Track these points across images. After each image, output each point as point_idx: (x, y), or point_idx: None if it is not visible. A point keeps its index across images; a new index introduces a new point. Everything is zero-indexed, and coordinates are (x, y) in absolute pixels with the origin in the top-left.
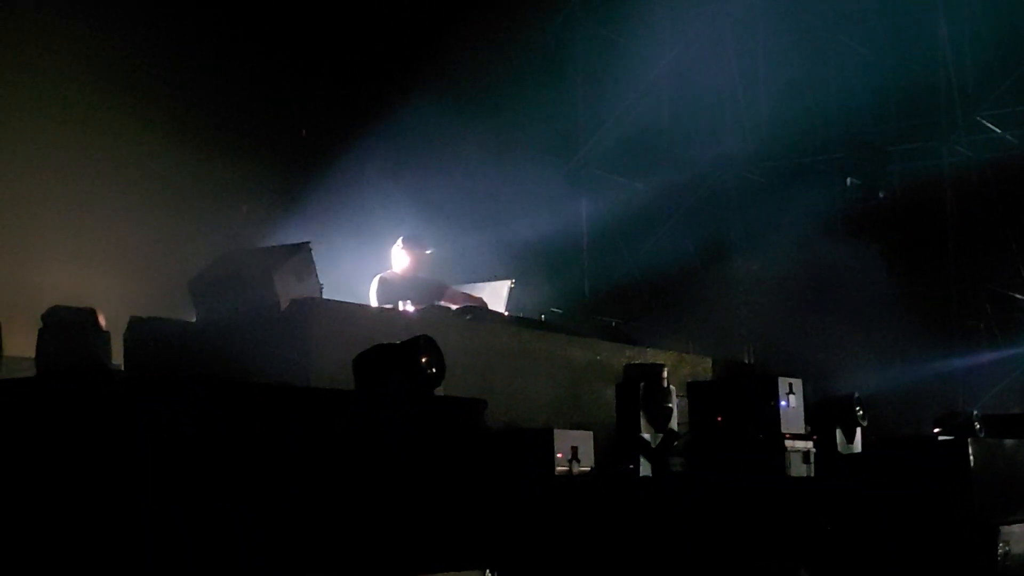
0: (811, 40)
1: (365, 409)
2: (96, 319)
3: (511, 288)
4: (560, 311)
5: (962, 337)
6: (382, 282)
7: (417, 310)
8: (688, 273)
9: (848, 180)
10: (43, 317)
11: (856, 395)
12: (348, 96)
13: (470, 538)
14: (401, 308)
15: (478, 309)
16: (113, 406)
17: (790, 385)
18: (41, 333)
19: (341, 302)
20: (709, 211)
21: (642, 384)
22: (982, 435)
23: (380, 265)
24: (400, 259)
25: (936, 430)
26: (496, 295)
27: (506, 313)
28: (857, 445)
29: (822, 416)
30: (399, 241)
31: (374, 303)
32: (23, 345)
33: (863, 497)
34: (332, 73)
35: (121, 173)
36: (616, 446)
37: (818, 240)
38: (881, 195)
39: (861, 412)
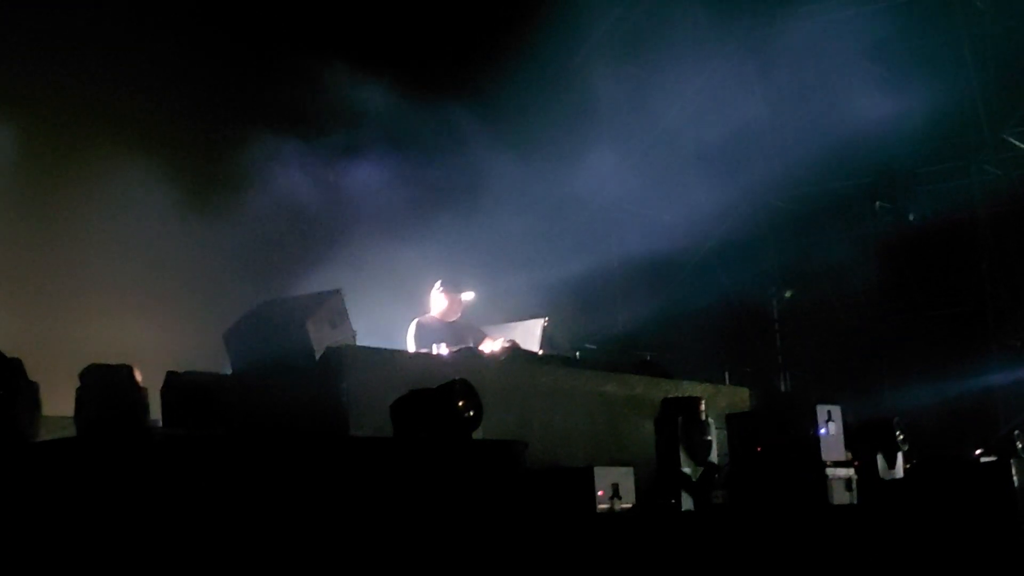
0: (836, 66)
1: (405, 456)
2: (133, 376)
3: (544, 326)
4: (594, 347)
5: (1000, 356)
6: (419, 327)
7: (451, 352)
8: (721, 303)
9: (878, 204)
10: (81, 376)
11: (896, 419)
12: (375, 139)
13: None
14: (435, 351)
15: (513, 349)
16: (152, 464)
17: (829, 412)
18: (79, 392)
19: (375, 348)
20: (740, 240)
21: (680, 418)
22: None
23: (413, 310)
24: (438, 303)
25: (978, 452)
26: (530, 334)
27: (541, 352)
28: (899, 470)
29: (862, 442)
30: (437, 284)
31: (411, 348)
32: (62, 404)
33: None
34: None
35: (154, 229)
36: (657, 481)
37: (850, 265)
38: (911, 217)
39: (901, 436)
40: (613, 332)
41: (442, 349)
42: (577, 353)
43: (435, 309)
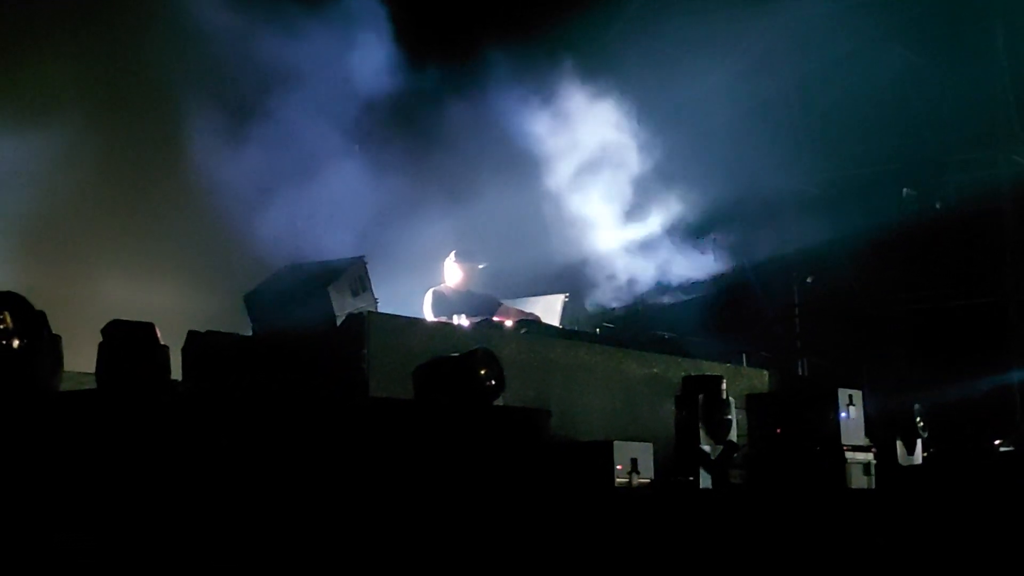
0: (866, 50)
1: (428, 420)
2: (155, 333)
3: (565, 302)
4: (612, 325)
5: (1020, 347)
6: (436, 296)
7: (471, 324)
8: (742, 286)
9: (904, 191)
10: (103, 332)
11: (917, 406)
12: (401, 110)
13: (533, 549)
14: (455, 322)
15: (533, 323)
16: (173, 418)
17: (850, 397)
18: (101, 348)
19: (396, 316)
20: (763, 223)
21: (701, 396)
22: None
23: (432, 279)
24: (453, 273)
25: (996, 442)
26: (550, 309)
27: (561, 327)
28: (917, 456)
29: (882, 428)
30: (451, 255)
31: (428, 317)
32: (83, 360)
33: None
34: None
35: (177, 188)
36: (675, 458)
37: (873, 252)
38: (938, 206)
39: (922, 424)
40: (633, 311)
41: (462, 320)
42: (597, 330)
43: (450, 279)
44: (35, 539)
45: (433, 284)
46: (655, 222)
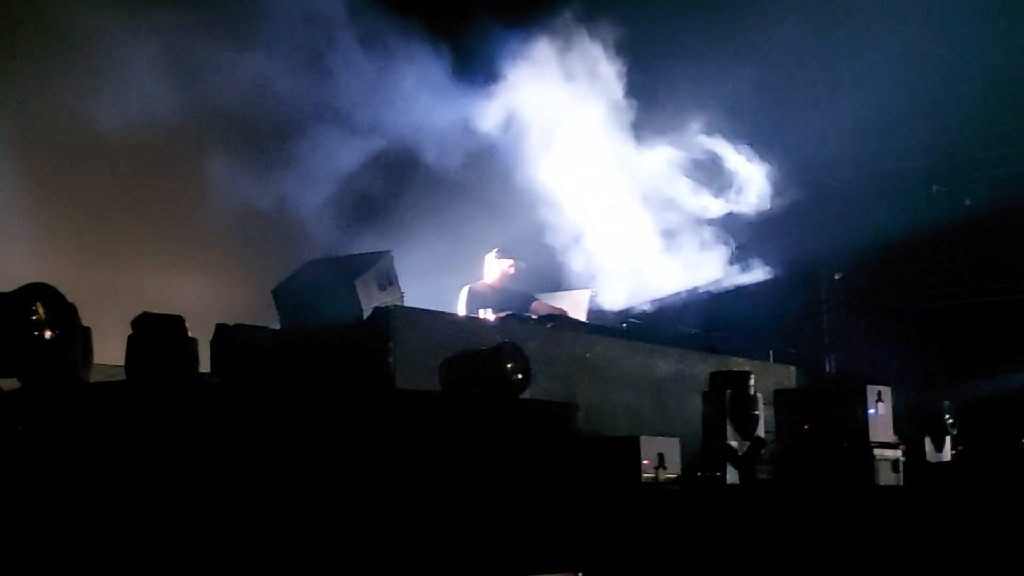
0: (895, 46)
1: (454, 412)
2: (184, 326)
3: (592, 297)
4: (639, 321)
5: None
6: (471, 292)
7: (497, 318)
8: (769, 282)
9: (934, 187)
10: (133, 324)
11: (946, 403)
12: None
13: (563, 541)
14: (482, 316)
15: (559, 318)
16: (201, 409)
17: (879, 393)
18: (131, 340)
19: (422, 310)
20: (791, 219)
21: (729, 391)
22: None
23: (467, 275)
24: (492, 270)
25: None
26: (577, 304)
27: (587, 322)
28: (946, 454)
29: (911, 424)
30: (493, 252)
31: (462, 313)
32: (113, 352)
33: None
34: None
35: (207, 182)
36: (703, 453)
37: (903, 248)
38: (968, 202)
39: (951, 420)
40: (659, 307)
41: (488, 314)
42: (624, 325)
43: (488, 276)
44: (63, 528)
45: (467, 281)
46: (679, 216)
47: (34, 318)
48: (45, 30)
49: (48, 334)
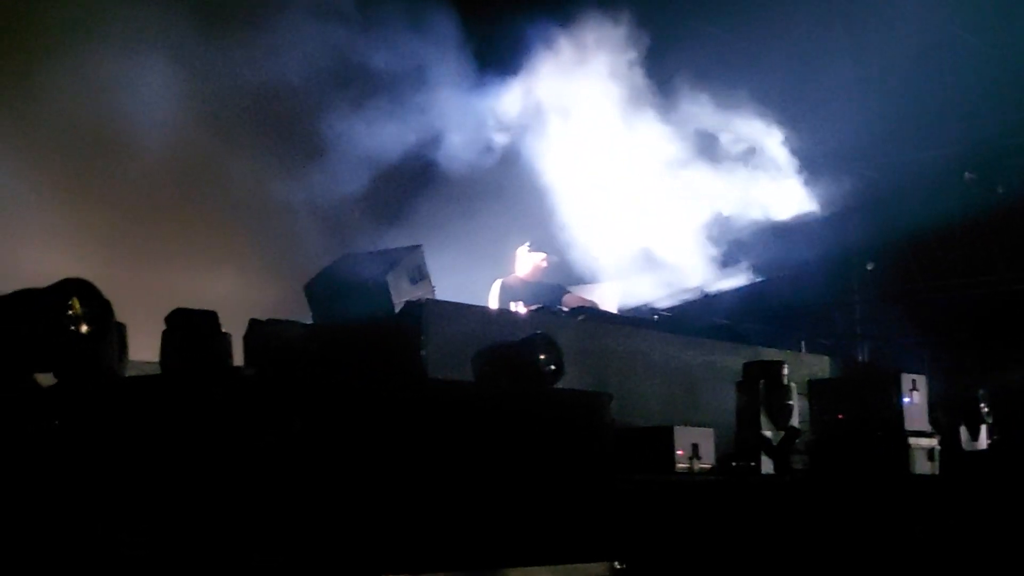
0: (926, 32)
1: (488, 402)
2: (217, 321)
3: (621, 289)
4: (670, 313)
5: None
6: (504, 286)
7: (528, 311)
8: (801, 272)
9: (965, 174)
10: (167, 320)
11: (981, 391)
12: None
13: (599, 530)
14: (512, 308)
15: (590, 310)
16: (236, 404)
17: (913, 381)
18: (165, 335)
19: (453, 303)
20: (822, 209)
21: (762, 381)
22: None
23: (496, 269)
24: (525, 263)
25: None
26: (608, 297)
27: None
28: (982, 442)
29: (946, 413)
30: (525, 245)
31: (494, 306)
32: (147, 348)
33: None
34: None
35: (239, 179)
36: (737, 443)
37: (935, 237)
38: (1000, 189)
39: (986, 409)
40: (691, 298)
41: (519, 308)
42: (655, 316)
43: (520, 269)
44: (97, 525)
45: (499, 275)
46: (709, 207)
47: (70, 313)
48: (75, 28)
49: (84, 329)
